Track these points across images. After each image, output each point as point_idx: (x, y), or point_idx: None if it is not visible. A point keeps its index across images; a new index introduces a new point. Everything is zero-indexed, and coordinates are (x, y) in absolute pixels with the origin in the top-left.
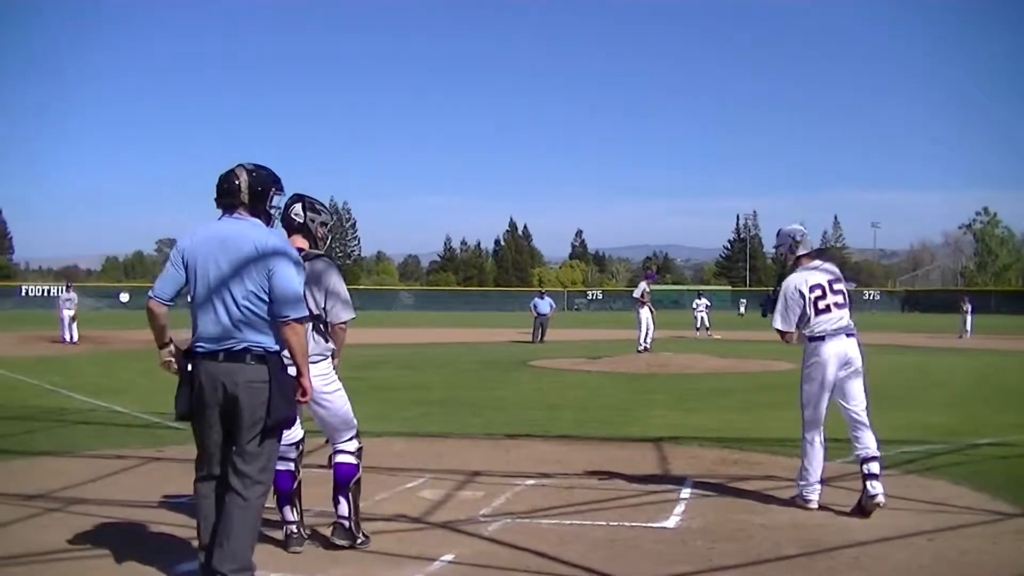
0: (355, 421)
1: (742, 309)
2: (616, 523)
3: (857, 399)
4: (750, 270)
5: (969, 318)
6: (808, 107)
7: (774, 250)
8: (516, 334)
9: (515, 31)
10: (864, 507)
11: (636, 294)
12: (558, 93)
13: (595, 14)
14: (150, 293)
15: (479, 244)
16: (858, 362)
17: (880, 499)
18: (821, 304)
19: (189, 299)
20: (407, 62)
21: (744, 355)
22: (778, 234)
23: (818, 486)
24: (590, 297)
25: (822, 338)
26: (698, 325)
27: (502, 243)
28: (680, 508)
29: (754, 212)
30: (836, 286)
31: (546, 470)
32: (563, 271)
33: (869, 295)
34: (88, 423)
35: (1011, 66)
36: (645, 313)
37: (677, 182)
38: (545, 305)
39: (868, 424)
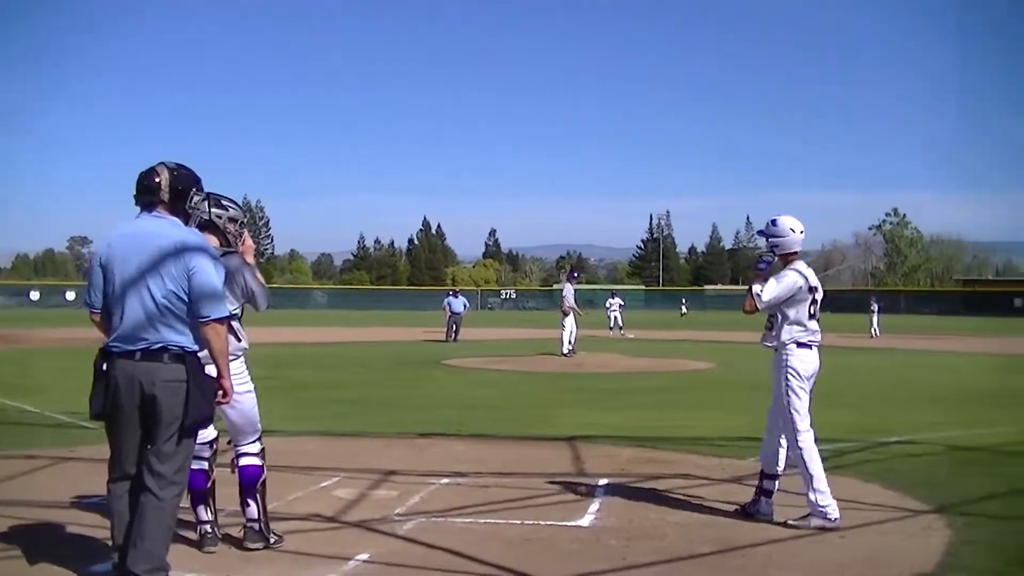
0: (259, 424)
1: (684, 309)
2: (531, 522)
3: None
4: (663, 269)
5: (876, 317)
6: (721, 107)
7: (764, 238)
8: (429, 333)
9: (427, 27)
10: (751, 516)
11: (566, 295)
12: (472, 91)
13: (509, 8)
14: (84, 303)
15: (393, 243)
16: None
17: (772, 517)
18: (812, 309)
19: (104, 298)
20: (317, 59)
21: (658, 355)
22: (774, 223)
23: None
24: (504, 296)
25: (809, 346)
26: (611, 324)
27: (416, 242)
28: (595, 507)
29: (667, 212)
30: (816, 295)
31: (461, 469)
32: (477, 270)
33: None
34: None
35: (926, 69)
36: (571, 317)
37: (591, 182)
38: (458, 304)
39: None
